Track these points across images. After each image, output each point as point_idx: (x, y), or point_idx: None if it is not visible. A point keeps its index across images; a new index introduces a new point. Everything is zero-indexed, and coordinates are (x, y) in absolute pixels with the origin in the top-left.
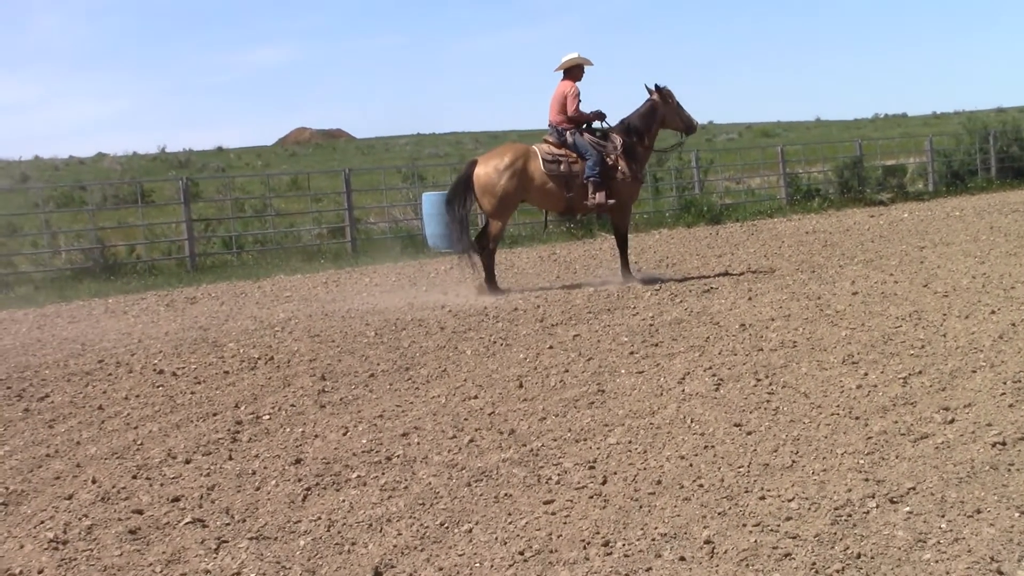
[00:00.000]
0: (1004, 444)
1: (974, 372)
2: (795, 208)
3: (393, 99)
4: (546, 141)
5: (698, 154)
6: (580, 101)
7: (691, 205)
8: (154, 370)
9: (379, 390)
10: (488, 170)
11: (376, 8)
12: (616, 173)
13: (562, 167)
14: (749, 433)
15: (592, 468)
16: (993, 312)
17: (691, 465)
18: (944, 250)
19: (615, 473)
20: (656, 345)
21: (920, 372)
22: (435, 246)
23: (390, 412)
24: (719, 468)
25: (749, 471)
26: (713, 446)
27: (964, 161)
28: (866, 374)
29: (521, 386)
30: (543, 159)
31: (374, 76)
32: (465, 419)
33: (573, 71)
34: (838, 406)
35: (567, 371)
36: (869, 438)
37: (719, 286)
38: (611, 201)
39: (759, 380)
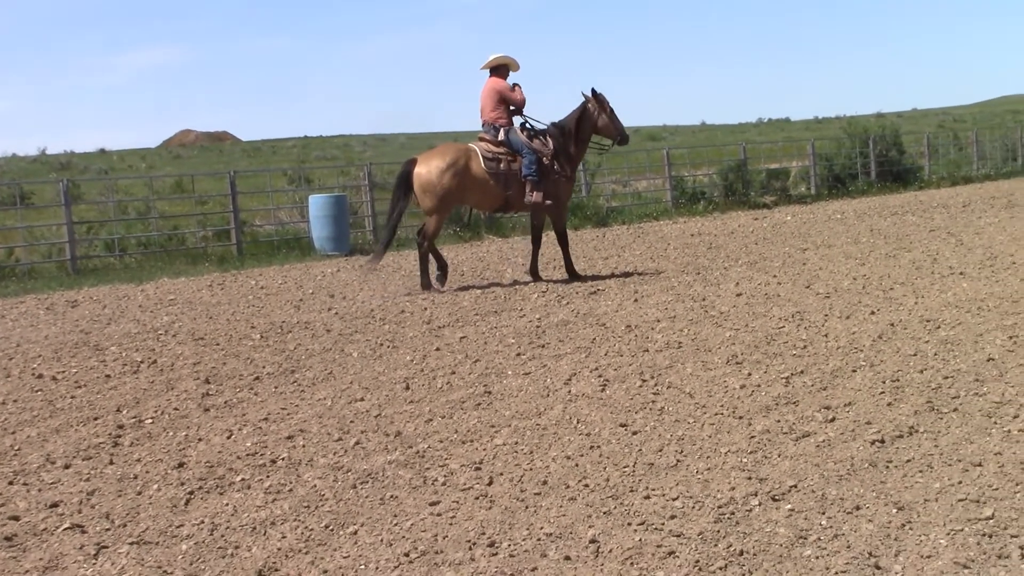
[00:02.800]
0: (883, 442)
1: (854, 372)
2: (681, 211)
3: (280, 101)
4: (483, 139)
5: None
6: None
7: (578, 208)
8: (33, 374)
9: (264, 393)
10: (429, 169)
11: (263, 10)
12: (552, 173)
13: (501, 165)
14: (635, 433)
15: (478, 469)
16: (873, 313)
17: (577, 465)
18: (826, 252)
19: (501, 474)
20: (543, 347)
21: (802, 372)
22: (321, 249)
23: (275, 415)
24: (605, 468)
25: (634, 471)
26: (599, 446)
27: (845, 165)
28: (749, 374)
29: (408, 388)
30: (483, 157)
31: (261, 78)
32: (351, 421)
33: (500, 70)
34: (722, 406)
35: (454, 373)
36: (752, 437)
37: (606, 288)
38: (548, 202)
39: (645, 381)
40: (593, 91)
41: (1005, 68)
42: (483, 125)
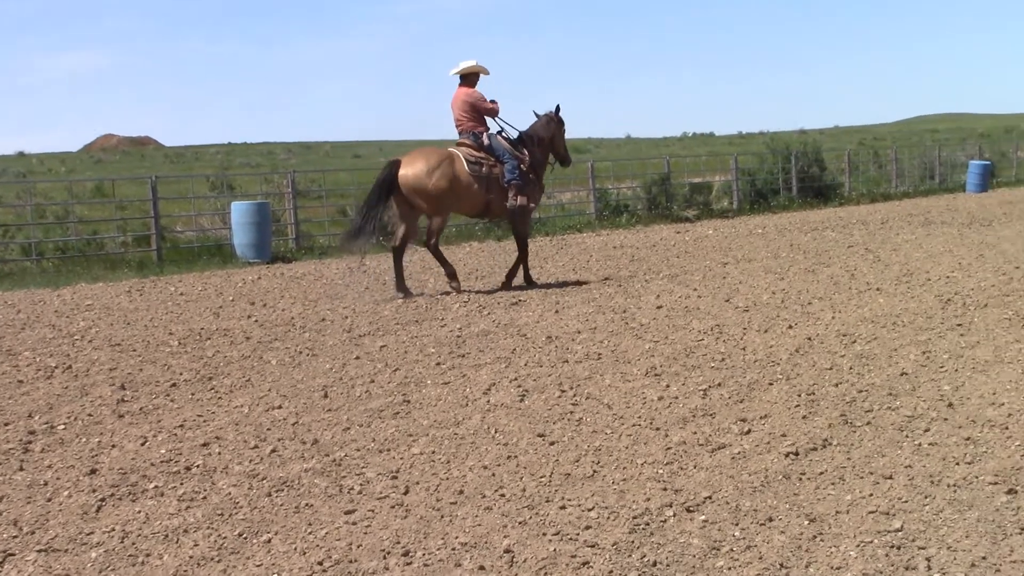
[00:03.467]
0: (797, 454)
1: (771, 384)
2: (604, 223)
3: (203, 107)
4: (463, 145)
5: None
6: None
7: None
8: None
9: (180, 400)
10: (416, 171)
11: (187, 15)
12: (529, 179)
13: (483, 169)
14: (552, 443)
15: (395, 478)
16: (791, 327)
17: (493, 475)
18: (746, 266)
19: (418, 483)
20: (463, 356)
21: (720, 384)
22: (243, 256)
23: (191, 422)
24: (521, 478)
25: (551, 481)
26: (516, 456)
27: (767, 180)
28: (668, 386)
29: (326, 396)
30: (466, 160)
31: (184, 84)
32: (268, 429)
33: (470, 78)
34: (640, 417)
35: (373, 381)
36: (669, 448)
37: (527, 299)
38: (532, 204)
39: (563, 391)
40: (558, 107)
41: (924, 88)
42: (460, 134)
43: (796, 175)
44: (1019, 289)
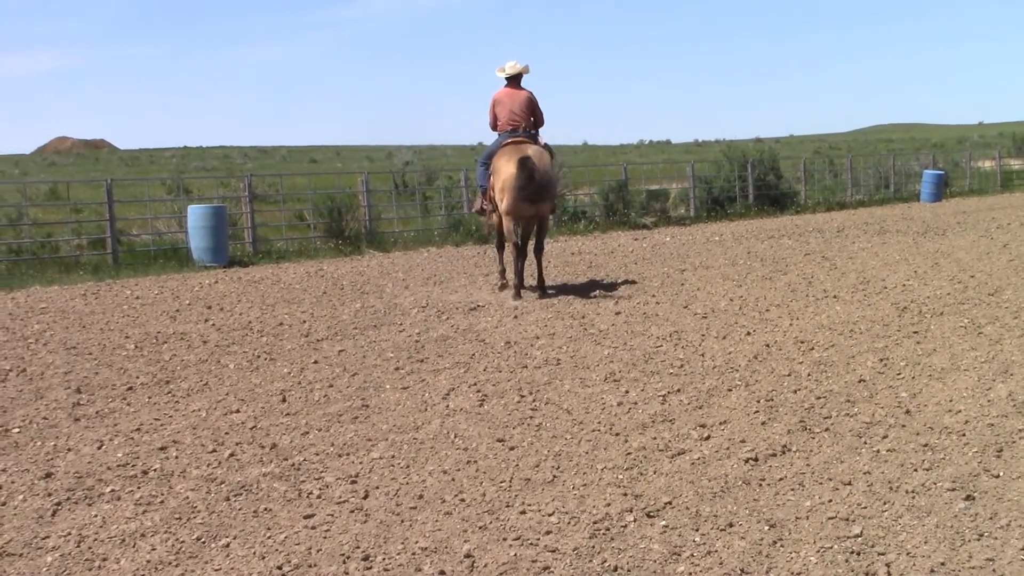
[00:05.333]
0: (756, 460)
1: (730, 391)
2: (562, 230)
3: (159, 110)
4: (524, 142)
5: (467, 174)
6: None
7: (460, 224)
8: None
9: (137, 403)
10: (546, 162)
11: (142, 17)
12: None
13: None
14: (512, 448)
15: (354, 483)
16: (749, 333)
17: (453, 480)
18: (704, 273)
19: (377, 488)
20: (422, 361)
21: (679, 390)
22: (200, 260)
23: (148, 425)
24: (481, 483)
25: (511, 486)
26: (476, 461)
27: (724, 188)
28: (627, 392)
29: (284, 400)
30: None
31: (140, 87)
32: (226, 433)
33: (516, 78)
34: (599, 422)
35: (331, 386)
36: (628, 454)
37: (485, 304)
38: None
39: (523, 396)
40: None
41: (878, 99)
42: (513, 131)
43: (753, 183)
44: (974, 297)
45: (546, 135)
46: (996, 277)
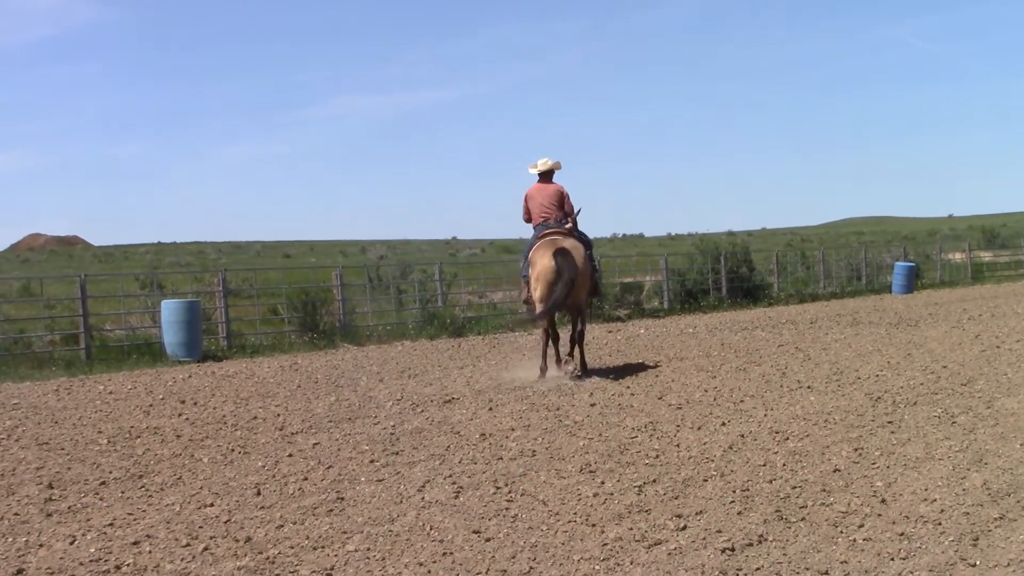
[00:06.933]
0: (733, 550)
1: (705, 481)
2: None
3: (133, 207)
4: (559, 233)
5: (441, 267)
6: None
7: (434, 317)
8: None
9: (110, 498)
10: (581, 256)
11: (115, 115)
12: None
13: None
14: (488, 540)
15: (329, 575)
16: (723, 424)
17: (429, 572)
18: (678, 365)
19: None
20: (397, 454)
21: (655, 481)
22: (173, 354)
23: (121, 520)
24: (457, 575)
25: None
26: (452, 553)
27: (697, 280)
28: (603, 482)
29: (259, 494)
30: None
31: (113, 184)
32: (200, 527)
33: (548, 174)
34: (575, 513)
35: (306, 479)
36: (605, 544)
37: (460, 397)
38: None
39: (498, 488)
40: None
41: (849, 192)
42: (545, 222)
43: (725, 275)
44: (947, 387)
45: (519, 229)
46: (968, 367)
